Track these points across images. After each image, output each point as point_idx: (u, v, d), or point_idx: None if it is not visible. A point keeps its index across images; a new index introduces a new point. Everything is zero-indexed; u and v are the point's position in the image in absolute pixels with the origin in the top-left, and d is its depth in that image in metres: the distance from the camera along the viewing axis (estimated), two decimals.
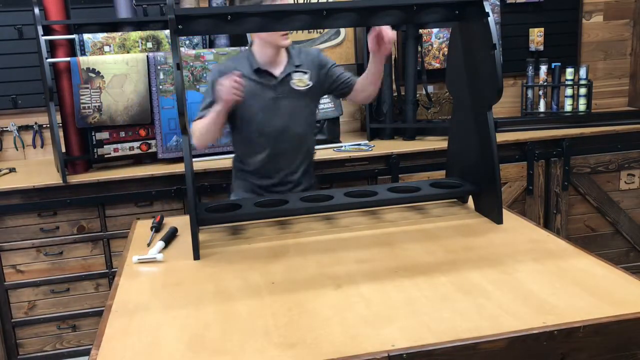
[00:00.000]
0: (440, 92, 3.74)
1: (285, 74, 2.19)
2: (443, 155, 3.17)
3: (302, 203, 1.91)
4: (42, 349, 2.98)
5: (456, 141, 2.13)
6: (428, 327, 1.24)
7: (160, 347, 1.24)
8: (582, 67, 3.59)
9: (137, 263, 1.72)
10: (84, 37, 2.90)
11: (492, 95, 1.81)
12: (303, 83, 2.21)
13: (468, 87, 1.96)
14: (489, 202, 1.92)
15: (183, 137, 1.74)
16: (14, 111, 3.34)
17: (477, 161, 1.95)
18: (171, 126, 3.00)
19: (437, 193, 2.01)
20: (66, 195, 2.85)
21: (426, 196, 2.01)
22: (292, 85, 2.20)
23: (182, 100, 1.66)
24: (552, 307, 1.30)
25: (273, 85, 2.18)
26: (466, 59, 1.95)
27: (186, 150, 1.73)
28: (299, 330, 1.27)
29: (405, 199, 2.00)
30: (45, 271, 2.91)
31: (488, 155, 1.87)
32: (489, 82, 1.79)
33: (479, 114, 1.90)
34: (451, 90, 2.14)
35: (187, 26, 1.72)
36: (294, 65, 2.21)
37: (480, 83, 1.87)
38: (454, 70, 2.06)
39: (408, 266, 1.58)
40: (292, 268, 1.62)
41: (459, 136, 2.08)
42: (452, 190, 2.03)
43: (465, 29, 1.94)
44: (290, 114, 2.21)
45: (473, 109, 1.94)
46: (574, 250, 1.64)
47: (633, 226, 3.46)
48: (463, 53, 1.97)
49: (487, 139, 1.86)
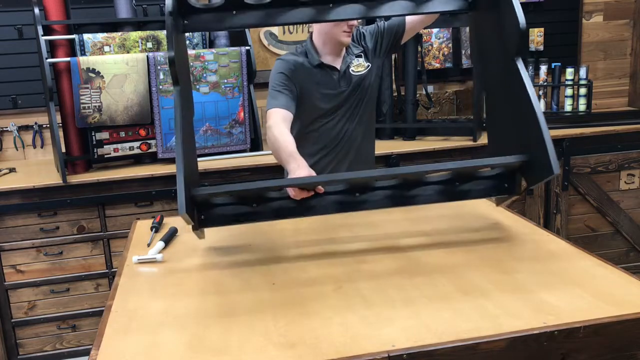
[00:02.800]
0: (440, 92, 3.74)
1: (346, 65, 2.19)
2: (443, 155, 3.20)
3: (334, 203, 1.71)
4: (42, 349, 2.98)
5: (496, 133, 1.87)
6: (428, 327, 1.24)
7: (160, 347, 1.24)
8: (582, 67, 3.59)
9: (137, 263, 1.72)
10: (84, 37, 2.90)
11: (515, 38, 1.59)
12: (362, 67, 2.21)
13: (495, 63, 1.78)
14: (540, 164, 1.60)
15: (174, 88, 1.58)
16: (14, 111, 3.34)
17: (520, 130, 1.67)
18: (171, 126, 3.00)
19: (485, 187, 1.72)
20: (66, 195, 2.85)
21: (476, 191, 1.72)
22: (352, 73, 2.19)
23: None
24: (552, 307, 1.30)
25: (337, 80, 2.18)
26: (487, 42, 1.82)
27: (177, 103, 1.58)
28: (299, 330, 1.27)
29: (449, 194, 1.71)
30: (45, 271, 2.91)
31: (529, 113, 1.59)
32: (512, 31, 1.60)
33: (511, 80, 1.66)
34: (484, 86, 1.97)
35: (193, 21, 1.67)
36: (353, 54, 2.22)
37: (505, 51, 1.66)
38: (483, 61, 1.90)
39: (408, 266, 1.58)
40: (292, 268, 1.62)
41: (499, 126, 1.82)
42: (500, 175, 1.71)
43: (480, 18, 1.84)
44: (351, 116, 2.22)
45: (505, 84, 1.72)
46: (574, 250, 1.64)
47: (633, 226, 3.46)
48: (484, 40, 1.84)
49: (524, 94, 1.59)
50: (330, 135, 2.24)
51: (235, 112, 3.10)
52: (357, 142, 2.30)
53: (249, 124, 3.18)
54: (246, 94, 3.12)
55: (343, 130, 2.25)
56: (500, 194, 1.73)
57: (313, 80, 2.15)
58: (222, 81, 3.05)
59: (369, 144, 2.38)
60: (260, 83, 3.45)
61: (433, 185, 1.71)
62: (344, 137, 2.26)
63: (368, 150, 2.38)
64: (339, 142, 2.26)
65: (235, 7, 1.71)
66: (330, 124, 2.23)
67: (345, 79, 2.18)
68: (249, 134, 3.17)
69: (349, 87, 2.19)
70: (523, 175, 1.68)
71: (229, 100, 3.08)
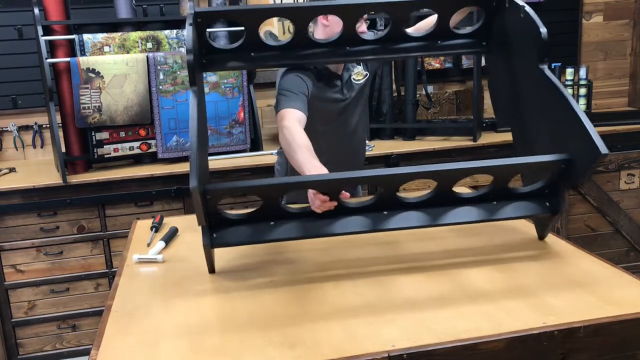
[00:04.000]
0: (440, 92, 3.74)
1: (348, 73, 2.18)
2: (443, 155, 3.20)
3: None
4: (42, 349, 2.98)
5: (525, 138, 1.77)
6: (428, 327, 1.24)
7: (160, 347, 1.24)
8: (582, 67, 3.59)
9: (138, 262, 1.72)
10: (83, 38, 2.90)
11: (538, 47, 1.58)
12: (361, 75, 2.20)
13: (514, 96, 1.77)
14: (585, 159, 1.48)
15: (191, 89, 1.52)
16: (14, 111, 3.34)
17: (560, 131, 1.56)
18: (171, 126, 3.00)
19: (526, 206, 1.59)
20: (66, 195, 2.85)
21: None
22: (353, 81, 2.18)
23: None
24: (552, 307, 1.30)
25: (340, 87, 2.16)
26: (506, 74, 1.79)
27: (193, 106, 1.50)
28: (299, 330, 1.27)
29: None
30: (45, 271, 2.91)
31: (562, 109, 1.52)
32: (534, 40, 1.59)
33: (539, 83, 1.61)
34: (506, 118, 1.89)
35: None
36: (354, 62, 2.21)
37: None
38: (503, 97, 1.88)
39: (408, 266, 1.58)
40: (292, 268, 1.62)
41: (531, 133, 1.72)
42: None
43: (495, 55, 1.86)
44: (353, 120, 2.22)
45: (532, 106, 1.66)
46: (574, 250, 1.64)
47: (633, 226, 3.46)
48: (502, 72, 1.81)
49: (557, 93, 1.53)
50: (331, 141, 2.22)
51: (235, 112, 3.10)
52: (355, 144, 2.30)
53: (249, 124, 3.18)
54: (246, 94, 3.12)
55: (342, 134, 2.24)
56: (544, 212, 1.59)
57: (320, 86, 2.14)
58: (222, 81, 3.05)
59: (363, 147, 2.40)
60: (260, 83, 3.45)
61: (467, 206, 1.57)
62: (344, 141, 2.25)
63: (362, 152, 2.40)
64: (338, 146, 2.25)
65: (253, 49, 1.71)
66: (332, 128, 2.22)
67: (348, 86, 2.18)
68: (249, 134, 3.17)
69: (351, 95, 2.19)
70: (565, 178, 1.54)
71: (229, 100, 3.08)
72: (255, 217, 1.51)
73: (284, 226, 1.52)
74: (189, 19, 1.57)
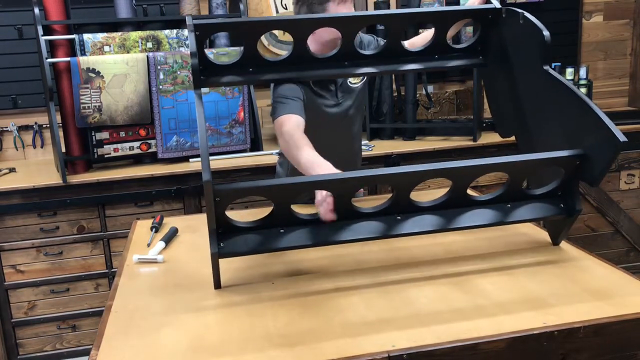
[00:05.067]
0: (440, 92, 3.74)
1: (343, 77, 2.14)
2: (443, 155, 3.20)
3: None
4: (42, 349, 2.98)
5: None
6: (428, 327, 1.24)
7: (160, 347, 1.24)
8: (582, 67, 3.59)
9: (138, 263, 1.72)
10: (84, 37, 2.90)
11: (541, 49, 1.60)
12: (358, 79, 2.16)
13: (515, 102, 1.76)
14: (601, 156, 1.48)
15: (196, 98, 1.50)
16: (14, 111, 3.34)
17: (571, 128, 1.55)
18: (171, 126, 3.00)
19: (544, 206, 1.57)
20: (66, 195, 2.85)
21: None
22: (349, 84, 2.15)
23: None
24: (552, 307, 1.30)
25: (334, 91, 2.13)
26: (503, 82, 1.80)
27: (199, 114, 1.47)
28: (299, 330, 1.27)
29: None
30: (45, 271, 2.91)
31: (574, 104, 1.51)
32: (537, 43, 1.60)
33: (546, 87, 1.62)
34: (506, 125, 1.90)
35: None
36: None
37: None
38: (501, 108, 1.87)
39: (408, 266, 1.58)
40: (292, 268, 1.62)
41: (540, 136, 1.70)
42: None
43: (490, 70, 1.86)
44: (347, 124, 2.20)
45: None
46: (574, 250, 1.64)
47: (633, 226, 3.46)
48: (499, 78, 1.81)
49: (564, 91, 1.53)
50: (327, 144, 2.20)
51: (235, 112, 3.10)
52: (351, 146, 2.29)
53: (249, 124, 3.18)
54: (246, 94, 3.12)
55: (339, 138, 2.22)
56: (559, 213, 1.57)
57: (314, 91, 2.14)
58: None
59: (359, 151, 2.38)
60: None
61: (481, 208, 1.55)
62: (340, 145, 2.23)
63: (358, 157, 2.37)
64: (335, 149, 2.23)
65: (252, 65, 1.70)
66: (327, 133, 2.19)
67: (343, 89, 2.17)
68: (249, 134, 3.17)
69: (346, 98, 2.18)
70: (581, 176, 1.51)
71: (229, 100, 3.08)
72: (264, 223, 1.46)
73: (294, 233, 1.47)
74: (189, 28, 1.57)
